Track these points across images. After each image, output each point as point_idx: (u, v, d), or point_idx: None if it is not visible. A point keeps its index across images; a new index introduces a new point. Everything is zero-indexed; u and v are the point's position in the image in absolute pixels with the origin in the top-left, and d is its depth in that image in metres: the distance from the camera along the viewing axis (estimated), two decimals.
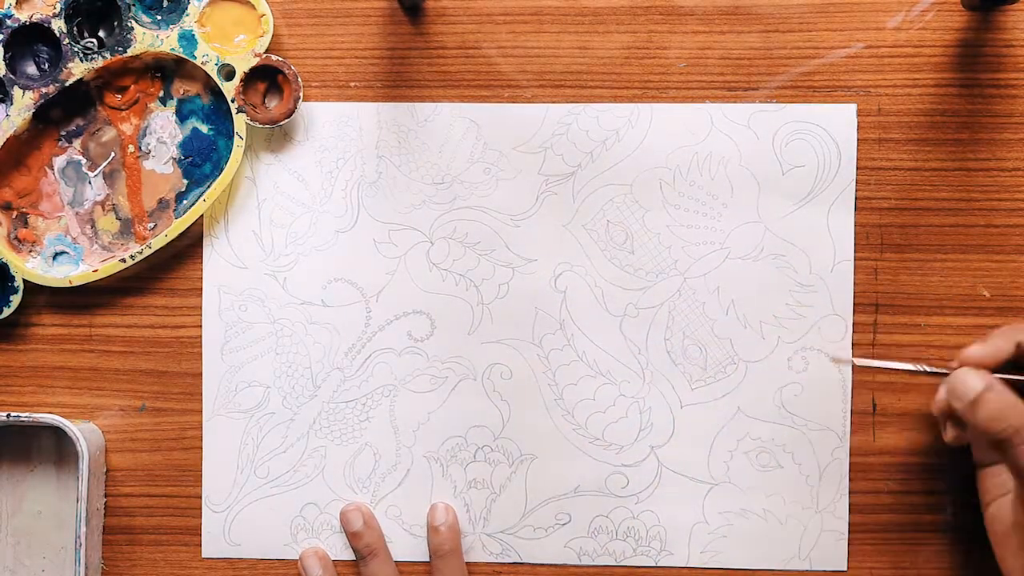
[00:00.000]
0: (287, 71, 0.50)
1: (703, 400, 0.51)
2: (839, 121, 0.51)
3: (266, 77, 0.51)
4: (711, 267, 0.51)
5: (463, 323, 0.52)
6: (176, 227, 0.51)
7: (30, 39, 0.51)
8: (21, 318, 0.52)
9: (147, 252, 0.51)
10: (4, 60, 0.50)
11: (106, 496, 0.52)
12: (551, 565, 0.52)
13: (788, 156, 0.51)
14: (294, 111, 0.51)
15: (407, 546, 0.52)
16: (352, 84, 0.52)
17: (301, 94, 0.50)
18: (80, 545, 0.49)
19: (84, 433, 0.50)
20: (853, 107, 0.51)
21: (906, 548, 0.51)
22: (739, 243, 0.51)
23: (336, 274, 0.52)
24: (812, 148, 0.51)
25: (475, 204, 0.52)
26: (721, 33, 0.51)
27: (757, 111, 0.51)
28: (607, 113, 0.51)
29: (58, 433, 0.51)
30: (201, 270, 0.52)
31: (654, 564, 0.52)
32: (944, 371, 0.46)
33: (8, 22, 0.50)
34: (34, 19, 0.50)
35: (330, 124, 0.52)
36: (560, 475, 0.52)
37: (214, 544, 0.52)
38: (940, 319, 0.51)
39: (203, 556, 0.52)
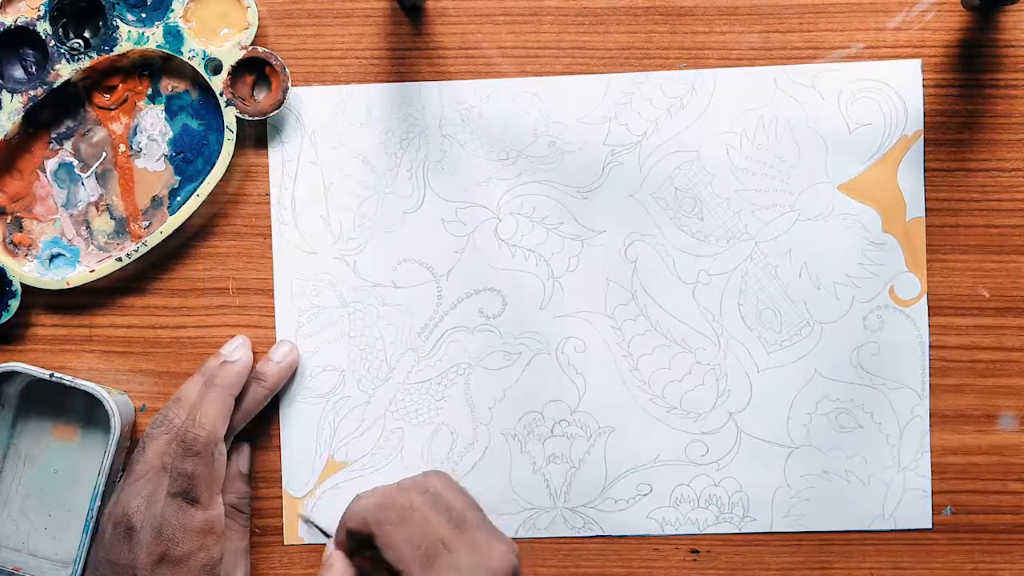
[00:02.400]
0: (274, 62, 0.50)
1: (780, 364, 0.51)
2: (904, 77, 0.50)
3: (253, 69, 0.51)
4: (782, 230, 0.51)
5: (534, 298, 0.52)
6: (171, 223, 0.51)
7: (15, 42, 0.51)
8: (21, 320, 0.52)
9: (143, 250, 0.51)
10: None
11: (124, 469, 0.52)
12: (635, 537, 0.52)
13: (854, 115, 0.51)
14: (283, 102, 0.50)
15: None
16: (352, 84, 0.52)
17: (289, 84, 0.50)
18: (92, 517, 0.49)
19: (119, 405, 0.50)
20: (918, 63, 0.50)
21: (906, 548, 0.52)
22: (809, 204, 0.51)
23: (405, 255, 0.52)
24: (878, 105, 0.50)
25: (541, 178, 0.51)
26: (721, 33, 0.51)
27: (821, 71, 0.51)
28: (670, 80, 0.51)
29: (91, 398, 0.51)
30: (202, 270, 0.52)
31: (738, 531, 0.51)
32: None
33: None
34: (19, 22, 0.50)
35: (392, 105, 0.52)
36: (639, 446, 0.51)
37: (295, 530, 0.52)
38: (940, 319, 0.51)
39: (284, 544, 0.52)
